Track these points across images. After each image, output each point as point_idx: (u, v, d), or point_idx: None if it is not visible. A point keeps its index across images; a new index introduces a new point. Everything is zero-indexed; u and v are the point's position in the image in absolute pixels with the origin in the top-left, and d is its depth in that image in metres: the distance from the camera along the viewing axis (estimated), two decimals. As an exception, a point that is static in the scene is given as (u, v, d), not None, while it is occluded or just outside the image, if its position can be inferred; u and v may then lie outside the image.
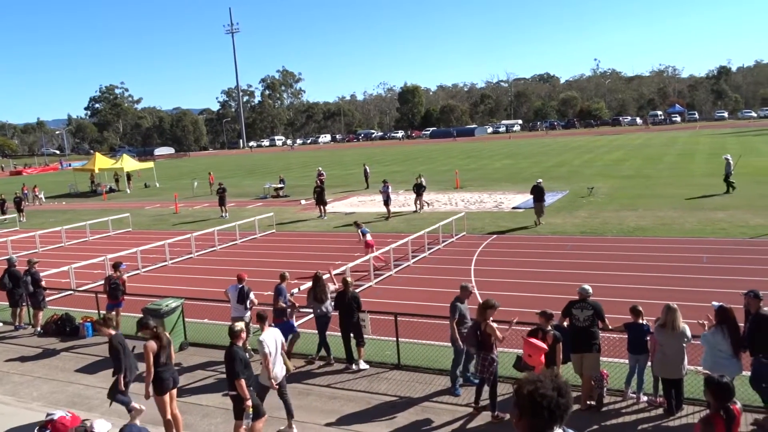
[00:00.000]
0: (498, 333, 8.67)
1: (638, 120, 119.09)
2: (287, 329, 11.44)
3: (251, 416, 7.83)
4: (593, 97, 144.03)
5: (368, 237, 17.95)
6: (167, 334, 8.44)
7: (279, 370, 8.73)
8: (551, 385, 2.67)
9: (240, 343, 8.06)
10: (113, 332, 9.11)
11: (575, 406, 8.97)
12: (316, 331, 11.50)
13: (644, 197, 27.75)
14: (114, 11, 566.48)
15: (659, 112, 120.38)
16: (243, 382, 7.70)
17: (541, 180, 24.19)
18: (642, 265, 16.32)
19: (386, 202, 27.03)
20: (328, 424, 8.99)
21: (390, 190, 27.24)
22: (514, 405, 2.77)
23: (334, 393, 10.00)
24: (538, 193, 23.04)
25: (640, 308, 9.09)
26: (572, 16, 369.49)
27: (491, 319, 8.80)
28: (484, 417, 8.90)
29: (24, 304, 14.63)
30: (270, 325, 8.96)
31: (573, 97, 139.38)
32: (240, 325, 8.25)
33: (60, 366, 12.11)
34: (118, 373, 8.89)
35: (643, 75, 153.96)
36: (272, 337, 8.74)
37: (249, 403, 7.72)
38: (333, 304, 11.43)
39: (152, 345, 7.74)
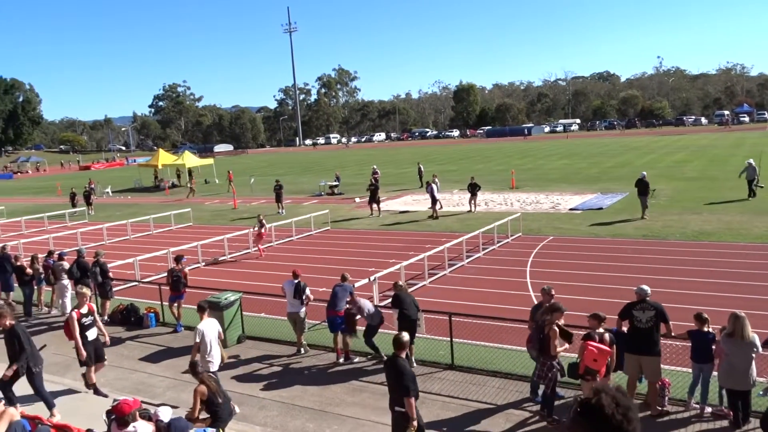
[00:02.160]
0: (556, 343, 8.52)
1: (703, 120, 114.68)
2: (340, 324, 11.57)
3: None
4: (655, 96, 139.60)
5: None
6: (210, 377, 8.28)
7: (215, 358, 9.53)
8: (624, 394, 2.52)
9: (404, 355, 7.57)
10: (12, 322, 9.26)
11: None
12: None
13: (709, 200, 26.73)
14: (177, 13, 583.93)
15: (726, 112, 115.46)
16: (413, 401, 7.21)
17: (645, 173, 24.20)
18: (706, 270, 15.76)
19: (433, 201, 27.10)
20: (382, 422, 9.05)
21: (436, 191, 27.36)
22: (579, 410, 2.55)
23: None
24: (642, 186, 23.13)
25: (706, 316, 8.78)
26: (634, 14, 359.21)
27: (557, 323, 8.67)
28: (537, 421, 8.79)
29: (91, 293, 15.28)
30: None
31: (634, 96, 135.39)
32: (407, 335, 7.73)
33: (125, 354, 12.60)
34: (17, 362, 8.96)
35: (709, 73, 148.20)
36: (211, 327, 9.57)
37: (415, 423, 7.25)
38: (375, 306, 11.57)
39: (202, 389, 7.90)
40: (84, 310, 10.32)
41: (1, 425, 6.36)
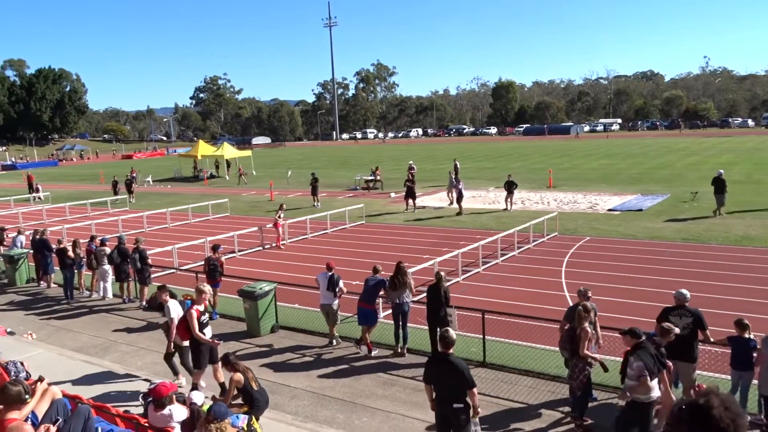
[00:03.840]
0: (586, 345, 8.33)
1: (750, 122, 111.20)
2: (372, 316, 11.64)
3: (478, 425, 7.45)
4: (700, 97, 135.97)
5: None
6: (246, 367, 8.30)
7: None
8: (737, 410, 2.41)
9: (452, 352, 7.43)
10: None
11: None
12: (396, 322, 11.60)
13: (754, 204, 25.95)
14: (219, 7, 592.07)
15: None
16: (476, 391, 7.25)
17: (722, 171, 24.55)
18: (749, 276, 15.32)
19: (458, 198, 27.14)
20: (411, 416, 9.08)
21: (462, 187, 27.74)
22: (685, 410, 2.45)
23: (418, 385, 10.03)
24: (719, 185, 23.67)
25: (747, 322, 8.55)
26: (680, 13, 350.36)
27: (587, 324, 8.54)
28: (569, 422, 8.68)
29: (130, 279, 15.66)
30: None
31: (678, 97, 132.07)
32: (453, 333, 7.55)
33: (161, 339, 12.79)
34: None
35: (757, 74, 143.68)
36: (178, 307, 10.20)
37: (480, 411, 7.34)
38: (405, 297, 11.57)
39: (238, 377, 8.02)
40: (201, 307, 9.73)
41: (43, 403, 6.58)
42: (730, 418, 2.35)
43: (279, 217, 21.70)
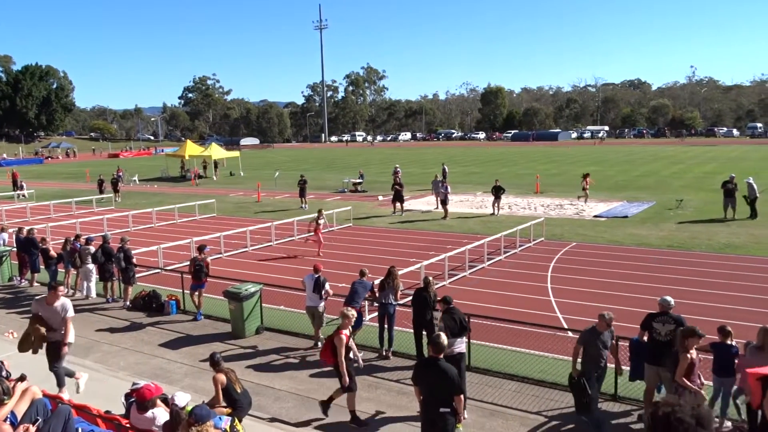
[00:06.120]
0: (683, 371, 7.76)
1: (735, 132, 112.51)
2: (357, 319, 11.61)
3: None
4: (687, 106, 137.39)
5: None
6: (229, 370, 8.23)
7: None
8: (690, 411, 2.47)
9: (442, 357, 7.32)
10: None
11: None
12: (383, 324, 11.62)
13: (738, 213, 26.22)
14: (209, 6, 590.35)
15: (759, 125, 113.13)
16: (462, 398, 7.26)
17: (734, 175, 25.89)
18: (732, 284, 15.47)
19: (444, 201, 27.28)
20: (395, 419, 9.06)
21: (449, 191, 27.98)
22: (648, 428, 2.60)
23: (403, 388, 10.04)
24: (727, 190, 25.48)
25: (729, 329, 8.63)
26: (668, 22, 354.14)
27: (694, 349, 7.94)
28: (553, 427, 8.72)
29: (114, 279, 15.52)
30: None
31: (664, 105, 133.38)
32: (444, 338, 7.45)
33: (145, 339, 12.78)
34: None
35: (742, 85, 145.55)
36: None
37: (462, 418, 7.41)
38: (391, 299, 11.62)
39: (221, 377, 7.97)
40: (348, 331, 9.09)
41: (23, 403, 6.49)
42: (695, 420, 2.42)
43: (318, 223, 20.27)
